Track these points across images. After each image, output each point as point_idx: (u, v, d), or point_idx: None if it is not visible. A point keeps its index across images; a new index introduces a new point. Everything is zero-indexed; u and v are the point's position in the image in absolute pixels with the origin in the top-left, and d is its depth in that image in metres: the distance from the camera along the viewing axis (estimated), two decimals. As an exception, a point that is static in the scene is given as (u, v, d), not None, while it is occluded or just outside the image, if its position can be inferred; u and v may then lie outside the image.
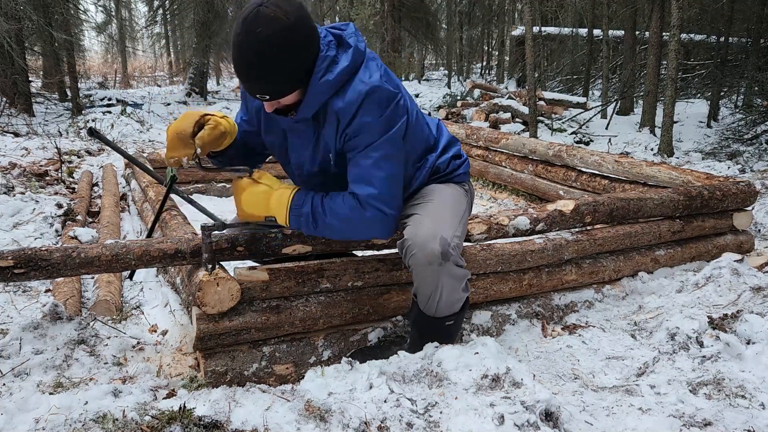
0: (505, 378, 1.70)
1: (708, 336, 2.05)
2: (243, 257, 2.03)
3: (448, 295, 1.84)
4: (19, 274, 1.80)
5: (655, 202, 2.74)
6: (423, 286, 1.84)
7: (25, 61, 9.83)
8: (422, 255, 1.76)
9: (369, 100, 1.73)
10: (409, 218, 1.92)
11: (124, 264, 1.91)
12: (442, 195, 2.00)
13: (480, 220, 2.35)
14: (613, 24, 11.67)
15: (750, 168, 5.74)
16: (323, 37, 1.76)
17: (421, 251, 1.76)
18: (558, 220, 2.50)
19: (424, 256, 1.76)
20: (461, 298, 1.89)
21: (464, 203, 2.07)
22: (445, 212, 1.91)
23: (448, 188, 2.05)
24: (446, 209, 1.94)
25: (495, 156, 5.16)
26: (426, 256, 1.76)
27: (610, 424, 1.73)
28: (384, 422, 1.57)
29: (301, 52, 1.68)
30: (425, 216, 1.88)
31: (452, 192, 2.05)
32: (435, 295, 1.83)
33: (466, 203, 2.09)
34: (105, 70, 22.25)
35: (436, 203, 1.95)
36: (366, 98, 1.73)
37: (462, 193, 2.09)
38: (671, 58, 6.54)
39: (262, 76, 1.66)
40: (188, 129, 1.79)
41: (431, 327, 1.94)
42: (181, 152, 1.81)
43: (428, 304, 1.87)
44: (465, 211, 2.06)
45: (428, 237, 1.77)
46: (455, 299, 1.87)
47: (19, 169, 5.17)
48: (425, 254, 1.76)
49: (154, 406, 1.64)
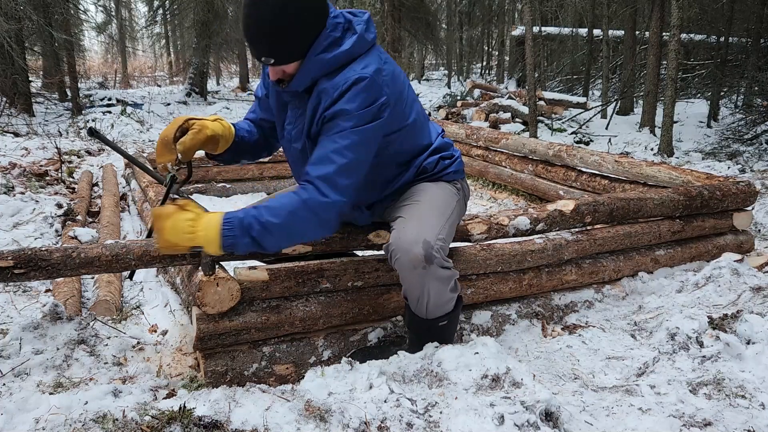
0: (505, 378, 1.70)
1: (708, 336, 2.05)
2: (243, 257, 2.03)
3: (436, 297, 1.83)
4: (19, 274, 1.80)
5: (655, 202, 2.74)
6: (410, 290, 1.84)
7: (25, 61, 9.83)
8: (406, 259, 1.75)
9: (355, 88, 1.72)
10: (394, 222, 1.91)
11: (124, 264, 1.91)
12: (428, 195, 1.98)
13: (480, 220, 2.35)
14: (613, 24, 11.67)
15: (750, 168, 5.74)
16: (334, 17, 1.77)
17: (405, 255, 1.75)
18: (558, 220, 2.50)
19: (408, 261, 1.75)
20: (450, 298, 1.88)
21: (453, 202, 2.03)
22: (430, 214, 1.89)
23: (436, 188, 2.02)
24: (432, 210, 1.91)
25: (495, 156, 5.15)
26: (410, 261, 1.75)
27: (610, 424, 1.73)
28: (384, 422, 1.57)
29: (311, 20, 1.70)
30: (409, 219, 1.87)
31: (440, 192, 2.02)
32: (422, 298, 1.83)
33: (455, 202, 2.05)
34: (105, 70, 22.25)
35: (421, 204, 1.93)
36: (353, 86, 1.72)
37: (452, 191, 2.06)
38: (671, 58, 6.54)
39: (271, 38, 1.68)
40: (170, 134, 1.79)
41: (425, 328, 1.93)
42: (166, 158, 1.81)
43: (417, 306, 1.87)
44: (454, 210, 2.01)
45: (411, 241, 1.76)
46: (444, 300, 1.86)
47: (19, 169, 5.17)
48: (409, 259, 1.75)
49: (154, 406, 1.64)
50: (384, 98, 1.76)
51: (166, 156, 1.81)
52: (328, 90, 1.74)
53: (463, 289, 2.29)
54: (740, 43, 9.92)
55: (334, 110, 1.73)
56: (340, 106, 1.72)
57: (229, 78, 22.25)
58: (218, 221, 1.66)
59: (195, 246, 1.67)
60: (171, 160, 1.81)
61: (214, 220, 1.67)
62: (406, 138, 1.94)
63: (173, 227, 1.66)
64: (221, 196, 5.00)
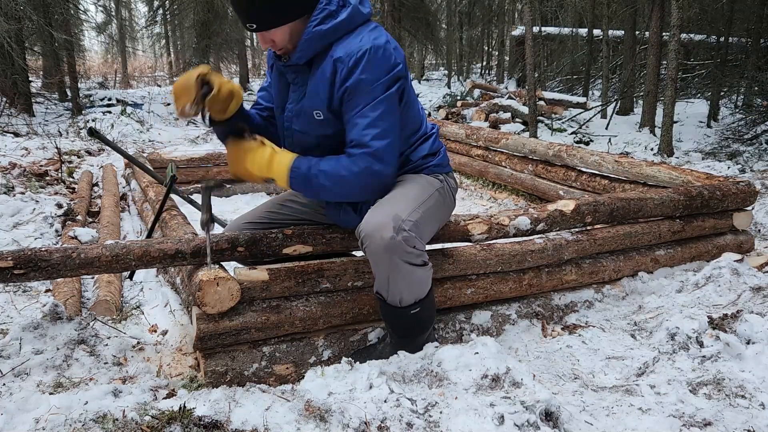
0: (505, 378, 1.70)
1: (708, 336, 2.05)
2: (243, 258, 2.03)
3: (407, 277, 1.82)
4: (19, 275, 1.80)
5: (656, 202, 2.74)
6: (380, 275, 1.84)
7: (25, 61, 9.83)
8: (376, 240, 1.76)
9: (371, 56, 1.78)
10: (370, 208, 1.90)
11: (124, 264, 1.91)
12: (405, 184, 1.98)
13: (481, 220, 2.35)
14: (613, 24, 11.67)
15: (750, 168, 5.74)
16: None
17: (375, 237, 1.76)
18: (559, 220, 2.50)
19: (378, 242, 1.76)
20: (421, 280, 1.87)
21: (431, 191, 2.01)
22: (402, 198, 1.90)
23: (417, 177, 2.03)
24: (405, 196, 1.91)
25: (495, 156, 5.15)
26: (380, 241, 1.75)
27: (610, 424, 1.73)
28: (384, 422, 1.57)
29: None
30: (380, 205, 1.87)
31: (419, 182, 2.01)
32: (393, 281, 1.82)
33: (434, 191, 2.02)
34: (105, 70, 22.24)
35: (395, 192, 1.94)
36: (367, 54, 1.77)
37: (430, 181, 2.04)
38: (671, 58, 6.54)
39: (251, 3, 1.74)
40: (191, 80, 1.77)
41: (398, 317, 1.93)
42: (184, 100, 1.77)
43: (389, 294, 1.86)
44: (430, 198, 1.99)
45: (381, 223, 1.77)
46: (414, 281, 1.85)
47: (19, 169, 5.17)
48: (379, 238, 1.75)
49: (154, 406, 1.64)
50: (400, 66, 1.84)
51: (184, 99, 1.77)
52: (344, 59, 1.79)
53: (463, 289, 2.29)
54: (740, 43, 9.93)
55: (353, 82, 1.78)
56: (359, 76, 1.78)
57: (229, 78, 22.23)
58: (288, 165, 1.85)
59: (268, 178, 1.88)
60: (189, 101, 1.77)
61: (285, 162, 1.86)
62: (407, 118, 1.97)
63: (253, 159, 1.87)
64: (221, 196, 5.00)
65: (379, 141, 1.80)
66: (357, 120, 1.81)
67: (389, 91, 1.81)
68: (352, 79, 1.78)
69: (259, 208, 2.28)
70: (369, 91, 1.79)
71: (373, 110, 1.80)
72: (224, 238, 1.97)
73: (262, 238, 1.99)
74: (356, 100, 1.80)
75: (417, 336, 1.97)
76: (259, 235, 1.99)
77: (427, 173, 2.06)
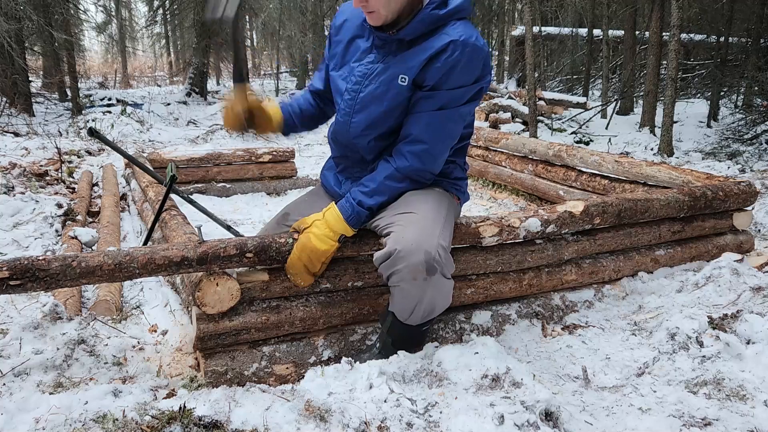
0: (505, 378, 1.70)
1: (708, 336, 2.05)
2: (252, 264, 1.95)
3: (430, 307, 1.82)
4: (16, 285, 1.69)
5: (662, 202, 2.72)
6: (405, 300, 1.80)
7: (25, 61, 9.83)
8: (407, 271, 1.71)
9: (476, 57, 1.82)
10: (388, 229, 1.85)
11: (127, 273, 1.79)
12: (417, 197, 1.94)
13: (491, 222, 2.29)
14: (613, 24, 11.67)
15: (750, 168, 5.73)
16: None
17: (405, 266, 1.71)
18: (568, 222, 2.48)
19: (408, 272, 1.71)
20: (445, 304, 1.87)
21: (445, 201, 1.99)
22: (425, 218, 1.83)
23: (431, 191, 1.99)
24: (426, 214, 1.85)
25: (495, 156, 5.15)
26: (410, 272, 1.71)
27: (610, 424, 1.73)
28: (384, 422, 1.57)
29: None
30: (406, 226, 1.79)
31: (441, 199, 1.98)
32: (418, 308, 1.81)
33: (447, 200, 2.01)
34: (105, 70, 22.24)
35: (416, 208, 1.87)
36: (475, 53, 1.81)
37: (443, 195, 2.02)
38: (671, 58, 6.54)
39: None
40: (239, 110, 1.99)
41: (408, 335, 1.93)
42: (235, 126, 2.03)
43: (410, 317, 1.85)
44: (447, 209, 1.97)
45: (411, 250, 1.71)
46: (438, 309, 1.86)
47: (19, 169, 5.17)
48: (410, 270, 1.71)
49: (154, 406, 1.64)
50: (488, 78, 1.89)
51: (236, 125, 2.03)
52: (458, 43, 1.79)
53: (462, 289, 2.29)
54: (740, 43, 9.92)
55: (447, 70, 1.81)
56: (456, 71, 1.81)
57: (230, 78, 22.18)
58: (338, 213, 1.91)
59: (338, 240, 1.90)
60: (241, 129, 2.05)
61: (334, 211, 1.91)
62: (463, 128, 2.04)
63: (317, 237, 1.88)
64: (221, 196, 5.00)
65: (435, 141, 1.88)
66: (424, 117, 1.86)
67: (469, 95, 1.87)
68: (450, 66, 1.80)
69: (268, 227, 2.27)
70: (457, 85, 1.83)
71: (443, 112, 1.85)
72: (232, 244, 1.90)
73: (271, 243, 1.94)
74: (443, 85, 1.83)
75: (417, 346, 1.98)
76: (268, 241, 1.94)
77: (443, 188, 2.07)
